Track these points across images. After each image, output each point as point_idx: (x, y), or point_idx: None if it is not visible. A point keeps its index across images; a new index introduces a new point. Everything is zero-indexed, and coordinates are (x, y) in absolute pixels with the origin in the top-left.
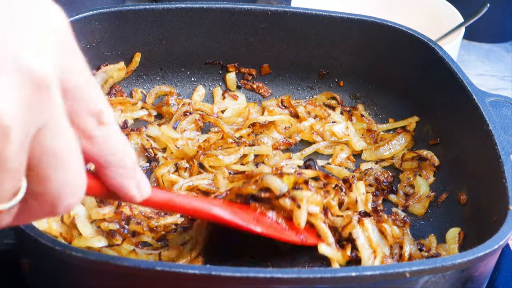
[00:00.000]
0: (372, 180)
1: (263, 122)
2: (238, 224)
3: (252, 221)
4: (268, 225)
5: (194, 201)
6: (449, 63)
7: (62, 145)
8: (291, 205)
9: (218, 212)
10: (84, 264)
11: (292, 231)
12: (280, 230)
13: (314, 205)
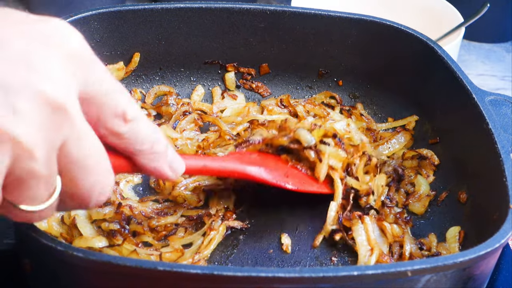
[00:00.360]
0: (391, 171)
1: (262, 121)
2: (269, 182)
3: (282, 177)
4: (297, 179)
5: (228, 163)
6: (448, 62)
7: (86, 153)
8: (314, 158)
9: (252, 171)
10: (85, 264)
11: (317, 183)
12: (307, 183)
13: (336, 160)
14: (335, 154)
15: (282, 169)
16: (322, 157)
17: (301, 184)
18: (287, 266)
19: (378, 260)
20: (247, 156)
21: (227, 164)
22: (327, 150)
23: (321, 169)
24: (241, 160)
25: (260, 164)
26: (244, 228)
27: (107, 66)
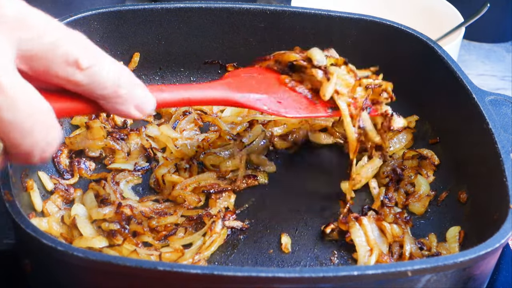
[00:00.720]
0: (390, 170)
1: (262, 121)
2: (260, 109)
3: (274, 103)
4: (292, 105)
5: (216, 91)
6: (448, 62)
7: (22, 117)
8: (322, 77)
9: (241, 99)
10: (85, 264)
11: (318, 107)
12: (304, 108)
13: (344, 85)
14: (344, 78)
15: (275, 93)
16: (331, 76)
17: (296, 111)
18: (287, 266)
19: (378, 260)
20: (237, 81)
21: (214, 92)
22: (336, 70)
23: (328, 87)
24: (230, 86)
25: (250, 89)
26: (244, 228)
27: None
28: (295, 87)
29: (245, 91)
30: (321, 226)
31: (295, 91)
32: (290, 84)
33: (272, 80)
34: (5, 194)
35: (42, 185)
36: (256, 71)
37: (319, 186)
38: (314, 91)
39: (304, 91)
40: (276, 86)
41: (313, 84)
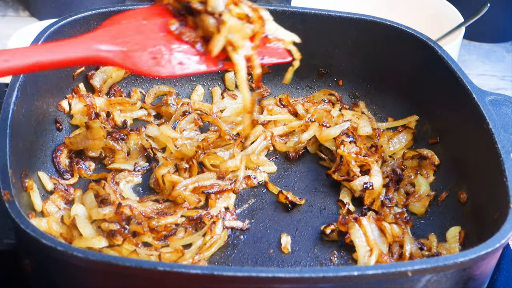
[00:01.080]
0: (390, 171)
1: (262, 121)
2: (130, 68)
3: (148, 60)
4: (172, 59)
5: (74, 48)
6: (448, 62)
7: None
8: (213, 27)
9: (107, 56)
10: (85, 264)
11: (207, 59)
12: (188, 62)
13: (239, 37)
14: (239, 29)
15: (154, 45)
16: (221, 28)
17: (175, 67)
18: (287, 266)
19: (378, 260)
20: (111, 31)
21: (71, 51)
22: (229, 20)
23: (216, 41)
24: (97, 39)
25: (123, 41)
26: (244, 228)
27: (107, 66)
28: (182, 36)
29: (113, 43)
30: (321, 226)
31: (182, 41)
32: (177, 31)
33: (156, 27)
34: (5, 194)
35: (42, 185)
36: (145, 14)
37: (319, 186)
38: (207, 41)
39: (193, 40)
40: (158, 36)
41: (205, 32)
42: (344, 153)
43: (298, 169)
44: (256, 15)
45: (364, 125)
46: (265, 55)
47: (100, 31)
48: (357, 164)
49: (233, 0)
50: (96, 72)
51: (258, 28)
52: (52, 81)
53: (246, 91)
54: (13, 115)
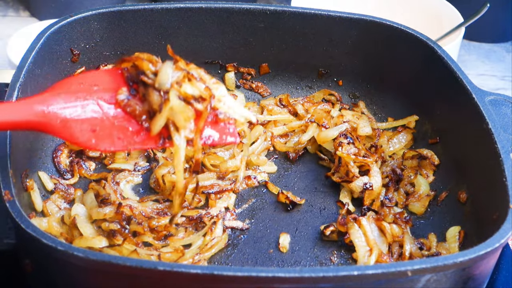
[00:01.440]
0: (390, 171)
1: (262, 121)
2: (67, 138)
3: (87, 132)
4: (111, 132)
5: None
6: (448, 62)
7: None
8: (157, 105)
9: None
10: (85, 264)
11: (147, 136)
12: (127, 136)
13: (182, 118)
14: (182, 111)
15: (95, 116)
16: (163, 107)
17: (114, 141)
18: (287, 266)
19: (378, 260)
20: (59, 94)
21: (5, 114)
22: (173, 101)
23: (156, 122)
24: (38, 104)
25: (65, 108)
26: (244, 228)
27: (107, 66)
28: (128, 107)
29: (54, 110)
30: (321, 226)
31: (126, 113)
32: (124, 102)
33: (105, 94)
34: (5, 194)
35: (42, 185)
36: (100, 78)
37: (319, 186)
38: (152, 116)
39: (138, 113)
40: (104, 105)
41: (151, 107)
42: (342, 154)
43: (298, 169)
44: (208, 94)
45: (364, 125)
46: (212, 134)
47: (46, 95)
48: (356, 165)
49: (187, 76)
50: None
51: (206, 109)
52: (53, 81)
53: (180, 174)
54: None
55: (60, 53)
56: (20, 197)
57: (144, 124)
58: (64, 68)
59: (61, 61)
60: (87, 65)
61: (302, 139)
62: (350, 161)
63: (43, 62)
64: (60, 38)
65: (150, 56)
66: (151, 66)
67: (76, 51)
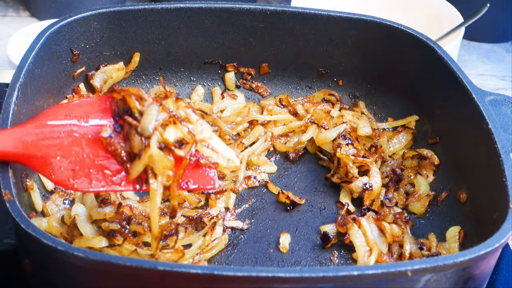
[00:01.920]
0: (389, 171)
1: (262, 121)
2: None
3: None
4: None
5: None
6: (448, 62)
7: None
8: (137, 148)
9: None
10: (85, 264)
11: (125, 178)
12: (106, 177)
13: (161, 166)
14: (161, 160)
15: (78, 153)
16: (143, 155)
17: (92, 182)
18: (287, 266)
19: (378, 260)
20: (38, 129)
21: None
22: (152, 150)
23: (135, 166)
24: (19, 137)
25: (47, 145)
26: (244, 228)
27: (107, 66)
28: (109, 146)
29: (34, 145)
30: (321, 226)
31: (107, 152)
32: (106, 140)
33: (89, 129)
34: (5, 194)
35: (42, 185)
36: (88, 108)
37: (319, 186)
38: (132, 158)
39: (118, 153)
40: (85, 143)
41: (131, 149)
42: (341, 155)
43: (298, 169)
44: (191, 139)
45: (364, 126)
46: (191, 179)
47: (30, 127)
48: (355, 165)
49: (173, 119)
50: (97, 72)
51: (185, 158)
52: (53, 81)
53: (155, 219)
54: (13, 115)
55: (60, 53)
56: (20, 197)
57: (124, 164)
58: (64, 68)
59: (61, 61)
60: (87, 65)
61: (302, 139)
62: (349, 162)
63: (43, 62)
64: (60, 38)
65: (138, 92)
66: (137, 105)
67: (76, 51)
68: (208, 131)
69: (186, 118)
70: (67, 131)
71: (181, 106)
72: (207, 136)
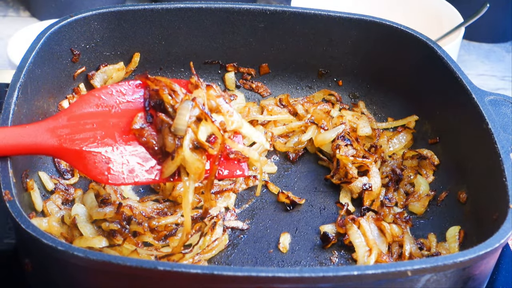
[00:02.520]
0: (389, 171)
1: (262, 121)
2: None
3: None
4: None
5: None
6: (448, 62)
7: None
8: (170, 148)
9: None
10: (85, 264)
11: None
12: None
13: (193, 168)
14: (193, 162)
15: (111, 144)
16: (176, 157)
17: (126, 175)
18: (287, 266)
19: (377, 260)
20: (72, 122)
21: (20, 137)
22: (185, 153)
23: (168, 167)
24: (53, 130)
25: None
26: (244, 228)
27: (108, 67)
28: (141, 137)
29: (69, 139)
30: (320, 226)
31: (140, 143)
32: (138, 131)
33: (122, 119)
34: (5, 194)
35: (42, 185)
36: (120, 95)
37: (319, 186)
38: (164, 155)
39: (151, 144)
40: (120, 133)
41: (164, 145)
42: (341, 156)
43: (298, 169)
44: (221, 138)
45: (364, 126)
46: (222, 167)
47: (62, 120)
48: (355, 166)
49: (204, 115)
50: (97, 73)
51: (217, 157)
52: (53, 82)
53: (188, 216)
54: (14, 115)
55: (60, 53)
56: (20, 197)
57: (157, 155)
58: (64, 68)
59: (62, 61)
60: (87, 65)
61: (302, 139)
62: (348, 162)
63: (43, 62)
64: (60, 38)
65: (171, 85)
66: (171, 100)
67: (77, 51)
68: (239, 120)
69: (216, 107)
70: (99, 122)
71: (212, 96)
72: (237, 126)
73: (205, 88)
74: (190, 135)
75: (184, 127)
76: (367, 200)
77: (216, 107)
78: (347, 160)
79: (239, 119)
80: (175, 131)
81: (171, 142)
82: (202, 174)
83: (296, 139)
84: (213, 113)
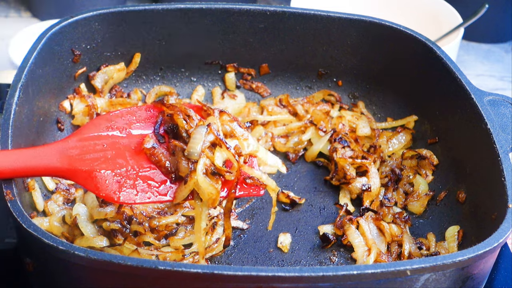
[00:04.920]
0: (389, 171)
1: (262, 121)
2: (92, 190)
3: (112, 185)
4: (136, 185)
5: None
6: (447, 62)
7: None
8: (183, 172)
9: (72, 175)
10: (86, 263)
11: (170, 191)
12: (151, 189)
13: (206, 194)
14: (206, 187)
15: (120, 167)
16: (189, 181)
17: (135, 195)
18: (287, 265)
19: (377, 259)
20: (83, 142)
21: (28, 160)
22: (199, 178)
23: (181, 191)
24: (63, 153)
25: (91, 158)
26: (244, 227)
27: (108, 67)
28: (153, 156)
29: (79, 160)
30: (319, 226)
31: (152, 163)
32: (150, 150)
33: (133, 140)
34: (6, 194)
35: (43, 185)
36: (132, 118)
37: (319, 186)
38: (177, 178)
39: (163, 164)
40: (131, 153)
41: (178, 168)
42: (338, 159)
43: (298, 169)
44: (238, 165)
45: (363, 126)
46: (238, 186)
47: (72, 141)
48: (353, 167)
49: (219, 142)
50: (98, 73)
51: (233, 185)
52: (54, 82)
53: (200, 240)
54: (15, 115)
55: (61, 54)
56: (22, 197)
57: (169, 174)
58: (65, 69)
59: (62, 61)
60: (88, 66)
61: (302, 139)
62: (346, 164)
63: (45, 62)
64: (61, 39)
65: (186, 110)
66: (185, 125)
67: (77, 52)
68: (254, 144)
69: (231, 132)
70: (110, 143)
71: (225, 121)
72: (253, 149)
73: (218, 114)
74: (204, 159)
75: (198, 152)
76: (366, 200)
77: (231, 131)
78: (344, 162)
79: (254, 142)
80: (189, 155)
81: (185, 166)
82: (216, 201)
83: (296, 139)
84: (228, 137)
